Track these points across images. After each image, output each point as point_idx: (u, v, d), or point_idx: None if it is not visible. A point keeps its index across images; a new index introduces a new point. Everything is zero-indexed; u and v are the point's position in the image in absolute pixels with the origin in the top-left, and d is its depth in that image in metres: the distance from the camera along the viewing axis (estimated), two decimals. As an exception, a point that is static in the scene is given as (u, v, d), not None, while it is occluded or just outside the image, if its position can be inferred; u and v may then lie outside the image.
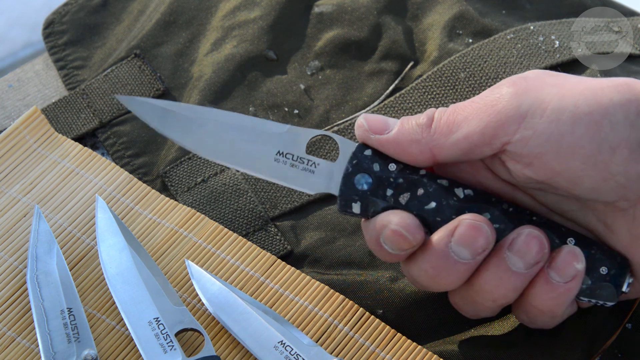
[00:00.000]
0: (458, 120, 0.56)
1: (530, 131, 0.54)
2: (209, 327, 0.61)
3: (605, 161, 0.54)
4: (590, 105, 0.54)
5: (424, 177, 0.57)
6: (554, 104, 0.54)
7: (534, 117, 0.54)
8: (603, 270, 0.56)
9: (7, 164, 0.68)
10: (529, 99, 0.55)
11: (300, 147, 0.59)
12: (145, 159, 0.71)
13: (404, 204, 0.57)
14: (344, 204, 0.58)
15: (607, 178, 0.54)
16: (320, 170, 0.59)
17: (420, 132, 0.56)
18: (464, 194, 0.57)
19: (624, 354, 0.61)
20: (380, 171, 0.57)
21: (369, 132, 0.57)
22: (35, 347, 0.61)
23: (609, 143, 0.53)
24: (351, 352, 0.60)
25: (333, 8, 0.77)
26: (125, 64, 0.75)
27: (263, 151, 0.59)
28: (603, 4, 0.77)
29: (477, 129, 0.55)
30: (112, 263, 0.62)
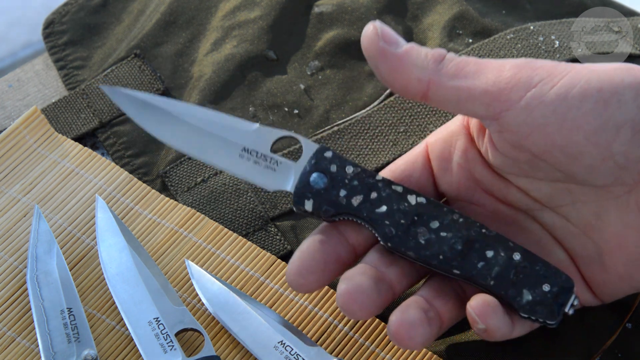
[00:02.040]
0: (467, 69, 0.56)
1: (537, 100, 0.54)
2: (209, 327, 0.61)
3: (607, 139, 0.53)
4: (602, 81, 0.54)
5: (379, 182, 0.57)
6: (565, 79, 0.54)
7: (544, 87, 0.54)
8: (545, 287, 0.56)
9: (7, 164, 0.68)
10: (543, 72, 0.55)
11: (265, 146, 0.59)
12: (145, 159, 0.71)
13: (355, 205, 0.57)
14: (297, 200, 0.58)
15: (606, 157, 0.54)
16: (281, 168, 0.59)
17: (427, 61, 0.56)
18: (416, 201, 0.57)
19: (624, 354, 0.61)
20: (336, 172, 0.58)
21: (379, 38, 0.56)
22: (35, 347, 0.61)
23: (614, 121, 0.53)
24: (351, 352, 0.60)
25: (333, 8, 0.77)
26: (125, 64, 0.75)
27: (229, 146, 0.59)
28: (603, 4, 0.77)
29: (483, 85, 0.55)
30: (112, 263, 0.62)
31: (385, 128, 0.71)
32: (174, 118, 0.60)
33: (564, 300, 0.56)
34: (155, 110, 0.60)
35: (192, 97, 0.73)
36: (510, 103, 0.54)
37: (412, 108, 0.72)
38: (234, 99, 0.73)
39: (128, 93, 0.61)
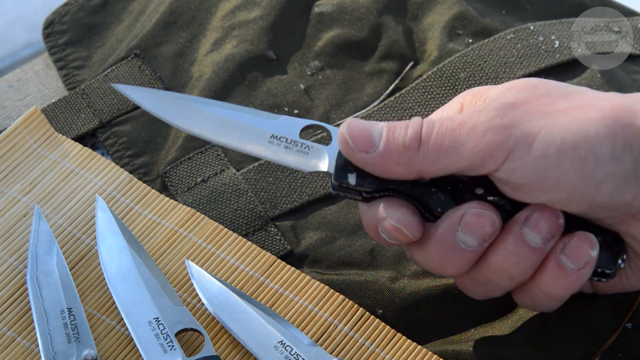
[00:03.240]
0: (445, 145, 0.55)
1: (517, 163, 0.54)
2: (209, 327, 0.61)
3: (590, 194, 0.54)
4: (577, 140, 0.53)
5: None
6: (540, 138, 0.54)
7: (522, 150, 0.54)
8: (600, 238, 0.56)
9: (7, 164, 0.68)
10: (518, 132, 0.54)
11: (294, 133, 0.60)
12: (145, 159, 0.71)
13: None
14: (339, 174, 0.58)
15: (593, 206, 0.55)
16: (313, 152, 0.59)
17: (407, 155, 0.56)
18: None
19: (624, 354, 0.61)
20: None
21: (354, 150, 0.57)
22: (35, 347, 0.61)
23: (594, 178, 0.53)
24: (351, 352, 0.60)
25: (333, 8, 0.77)
26: (125, 64, 0.75)
27: (257, 134, 0.60)
28: (603, 4, 0.77)
29: (465, 158, 0.55)
30: (112, 263, 0.62)
31: (385, 128, 0.71)
32: (196, 110, 0.61)
33: (618, 251, 0.56)
34: (176, 104, 0.61)
35: (192, 97, 0.73)
36: (495, 166, 0.55)
37: (412, 108, 0.72)
38: (234, 99, 0.73)
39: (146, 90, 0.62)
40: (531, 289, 0.57)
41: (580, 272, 0.55)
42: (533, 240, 0.55)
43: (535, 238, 0.55)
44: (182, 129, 0.61)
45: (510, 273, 0.56)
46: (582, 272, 0.55)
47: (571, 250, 0.55)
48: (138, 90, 0.62)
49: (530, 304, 0.58)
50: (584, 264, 0.55)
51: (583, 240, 0.55)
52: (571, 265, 0.55)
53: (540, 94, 0.56)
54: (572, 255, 0.55)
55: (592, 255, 0.55)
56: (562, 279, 0.56)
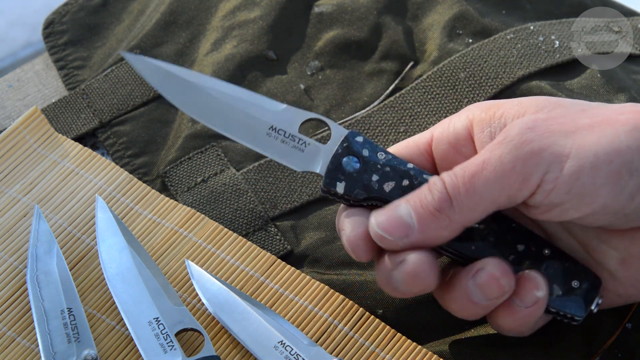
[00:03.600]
0: (478, 187, 0.54)
1: (551, 185, 0.54)
2: (209, 327, 0.61)
3: (623, 205, 0.54)
4: (609, 153, 0.53)
5: (411, 170, 0.58)
6: (572, 156, 0.54)
7: (554, 171, 0.54)
8: (575, 284, 0.57)
9: (7, 164, 0.68)
10: (547, 155, 0.54)
11: (293, 126, 0.60)
12: (145, 159, 0.71)
13: (387, 191, 0.57)
14: (328, 182, 0.58)
15: (621, 218, 0.55)
16: (309, 150, 0.59)
17: (444, 216, 0.55)
18: None
19: (624, 354, 0.61)
20: (369, 157, 0.58)
21: (396, 240, 0.56)
22: (35, 347, 0.61)
23: (628, 190, 0.54)
24: (351, 352, 0.60)
25: (333, 8, 0.77)
26: (126, 64, 0.75)
27: (257, 124, 0.60)
28: (603, 4, 0.77)
29: (503, 194, 0.54)
30: (112, 263, 0.62)
31: (385, 128, 0.71)
32: (200, 91, 0.60)
33: (592, 297, 0.57)
34: (181, 82, 0.60)
35: (192, 97, 0.73)
36: (529, 193, 0.54)
37: (412, 108, 0.72)
38: (234, 99, 0.74)
39: (152, 62, 0.61)
40: (491, 321, 0.58)
41: (529, 309, 0.56)
42: (476, 297, 0.55)
43: (478, 296, 0.55)
44: (183, 111, 0.61)
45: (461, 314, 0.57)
46: (530, 310, 0.56)
47: (519, 290, 0.56)
48: (146, 63, 0.61)
49: (498, 329, 0.59)
50: (531, 303, 0.56)
51: (530, 282, 0.56)
52: (519, 303, 0.56)
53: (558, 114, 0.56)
54: (520, 296, 0.56)
55: (538, 295, 0.55)
56: (512, 315, 0.56)
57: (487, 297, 0.55)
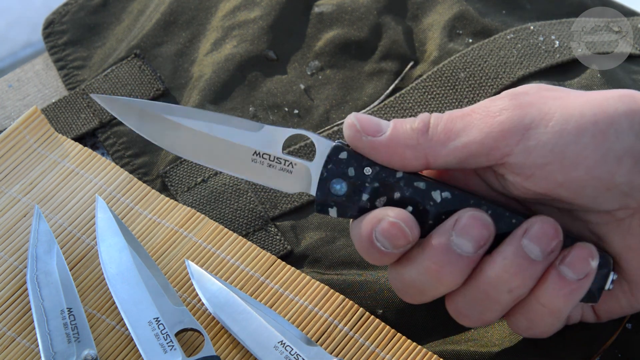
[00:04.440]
0: (456, 128, 0.55)
1: (534, 142, 0.53)
2: (209, 327, 0.61)
3: (610, 171, 0.53)
4: (596, 114, 0.53)
5: (400, 181, 0.56)
6: (558, 115, 0.54)
7: (539, 127, 0.53)
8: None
9: (7, 164, 0.68)
10: (533, 110, 0.54)
11: (276, 147, 0.58)
12: (145, 159, 0.71)
13: (380, 207, 0.56)
14: (320, 208, 0.58)
15: (611, 187, 0.54)
16: (297, 170, 0.58)
17: (415, 137, 0.55)
18: (441, 197, 0.56)
19: (624, 354, 0.61)
20: (355, 176, 0.57)
21: (361, 133, 0.56)
22: (35, 347, 0.61)
23: (614, 153, 0.53)
24: (351, 352, 0.60)
25: (333, 8, 0.77)
26: (125, 64, 0.75)
27: (240, 152, 0.58)
28: (603, 4, 0.77)
29: (477, 139, 0.54)
30: (112, 263, 0.62)
31: (385, 128, 0.71)
32: (176, 125, 0.59)
33: (603, 283, 0.56)
34: (156, 118, 0.59)
35: (192, 98, 0.73)
36: (509, 148, 0.54)
37: (412, 108, 0.72)
38: (234, 99, 0.73)
39: (126, 102, 0.59)
40: (529, 305, 0.56)
41: (581, 282, 0.54)
42: (533, 252, 0.54)
43: (535, 250, 0.54)
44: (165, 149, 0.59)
45: (510, 285, 0.55)
46: (582, 282, 0.54)
47: (572, 260, 0.54)
48: (117, 103, 0.59)
49: (526, 324, 0.57)
50: (584, 274, 0.54)
51: (584, 250, 0.54)
52: (571, 275, 0.54)
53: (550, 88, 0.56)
54: (572, 265, 0.54)
55: (592, 265, 0.54)
56: (562, 289, 0.54)
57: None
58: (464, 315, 0.57)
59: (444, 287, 0.56)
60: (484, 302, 0.56)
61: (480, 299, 0.56)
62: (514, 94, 0.55)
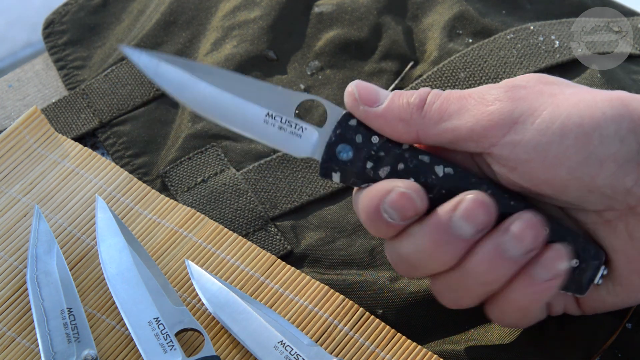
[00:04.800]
0: (450, 110, 0.56)
1: (519, 137, 0.54)
2: (209, 327, 0.61)
3: (591, 174, 0.53)
4: (582, 116, 0.53)
5: (405, 152, 0.57)
6: (546, 113, 0.54)
7: (525, 123, 0.54)
8: (574, 263, 0.56)
9: (7, 164, 0.68)
10: (524, 105, 0.54)
11: (289, 110, 0.59)
12: (145, 159, 0.71)
13: (383, 177, 0.57)
14: (324, 172, 0.58)
15: (593, 189, 0.54)
16: (307, 134, 0.59)
17: (410, 112, 0.56)
18: (443, 172, 0.56)
19: (624, 354, 0.61)
20: (362, 143, 0.57)
21: (358, 102, 0.57)
22: (35, 347, 0.61)
23: (597, 156, 0.53)
24: (351, 352, 0.60)
25: (333, 8, 0.77)
26: (125, 64, 0.75)
27: (253, 112, 0.59)
28: (603, 4, 0.77)
29: (467, 124, 0.55)
30: (112, 263, 0.62)
31: (385, 128, 0.71)
32: (194, 80, 0.59)
33: (593, 275, 0.56)
34: (176, 71, 0.59)
35: (192, 97, 0.73)
36: (496, 139, 0.54)
37: (412, 108, 0.72)
38: (234, 99, 0.74)
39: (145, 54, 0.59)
40: (499, 298, 0.56)
41: (549, 283, 0.54)
42: (511, 251, 0.54)
43: (514, 249, 0.54)
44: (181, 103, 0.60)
45: (483, 279, 0.55)
46: (550, 283, 0.54)
47: (543, 261, 0.54)
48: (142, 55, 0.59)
49: (498, 315, 0.57)
50: (553, 275, 0.54)
51: (556, 252, 0.54)
52: (540, 275, 0.54)
53: (548, 82, 0.56)
54: (542, 266, 0.54)
55: (561, 267, 0.54)
56: (529, 287, 0.55)
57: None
58: (443, 297, 0.58)
59: (437, 265, 0.56)
60: (461, 289, 0.56)
61: (458, 286, 0.56)
62: (511, 86, 0.56)
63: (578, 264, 0.56)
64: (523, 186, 0.55)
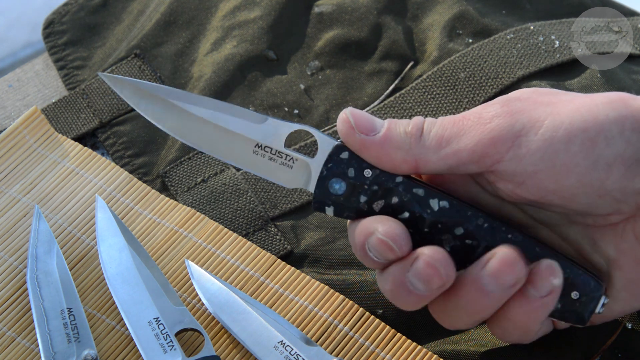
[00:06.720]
0: (447, 135, 0.55)
1: (524, 149, 0.53)
2: (209, 327, 0.61)
3: (601, 178, 0.53)
4: (586, 121, 0.53)
5: (399, 186, 0.56)
6: (548, 122, 0.53)
7: (528, 135, 0.53)
8: (574, 295, 0.55)
9: (7, 164, 0.68)
10: (523, 117, 0.54)
11: (279, 141, 0.58)
12: (145, 159, 0.71)
13: (377, 210, 0.56)
14: (317, 206, 0.57)
15: (602, 194, 0.53)
16: (298, 165, 0.58)
17: (408, 141, 0.55)
18: (438, 206, 0.56)
19: (624, 354, 0.61)
20: (354, 177, 0.56)
21: (355, 130, 0.56)
22: (35, 347, 0.61)
23: (605, 160, 0.53)
24: (351, 352, 0.60)
25: (333, 8, 0.77)
26: (125, 64, 0.75)
27: (242, 143, 0.58)
28: (603, 4, 0.77)
29: (467, 146, 0.54)
30: (112, 263, 0.62)
31: (385, 128, 0.71)
32: (181, 111, 0.58)
33: (593, 307, 0.56)
34: (162, 102, 0.59)
35: (192, 97, 0.73)
36: (499, 156, 0.54)
37: (412, 108, 0.72)
38: (234, 99, 0.74)
39: (131, 82, 0.59)
40: (498, 318, 0.56)
41: (545, 299, 0.54)
42: (489, 287, 0.54)
43: (492, 285, 0.54)
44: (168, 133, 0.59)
45: (467, 311, 0.55)
46: (546, 299, 0.54)
47: (534, 279, 0.54)
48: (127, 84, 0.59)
49: (500, 333, 0.57)
50: (547, 292, 0.54)
51: (547, 269, 0.54)
52: (535, 293, 0.54)
53: (543, 92, 0.56)
54: (535, 284, 0.54)
55: (554, 283, 0.54)
56: (526, 305, 0.54)
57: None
58: (440, 320, 0.58)
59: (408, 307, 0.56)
60: (454, 314, 0.56)
61: (451, 311, 0.56)
62: (506, 100, 0.55)
63: (578, 296, 0.55)
64: (529, 199, 0.55)
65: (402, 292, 0.55)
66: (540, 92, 0.56)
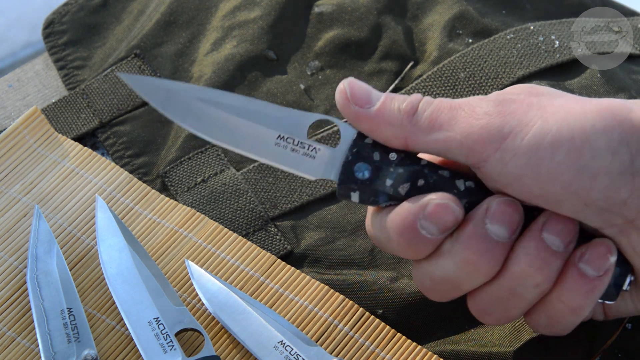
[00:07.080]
0: (440, 119, 0.55)
1: (510, 153, 0.53)
2: (209, 327, 0.61)
3: (585, 188, 0.53)
4: (572, 130, 0.53)
5: (424, 168, 0.56)
6: (536, 128, 0.53)
7: (515, 139, 0.53)
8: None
9: (7, 164, 0.68)
10: (513, 120, 0.53)
11: (301, 132, 0.58)
12: (145, 159, 0.71)
13: (403, 194, 0.56)
14: (342, 192, 0.57)
15: (588, 203, 0.53)
16: (321, 155, 0.57)
17: (400, 118, 0.55)
18: (464, 186, 0.56)
19: (624, 354, 0.61)
20: (380, 160, 0.56)
21: (350, 102, 0.56)
22: (35, 347, 0.61)
23: (590, 170, 0.52)
24: (351, 352, 0.60)
25: (333, 8, 0.77)
26: (125, 64, 0.75)
27: (264, 135, 0.58)
28: (603, 4, 0.77)
29: (457, 137, 0.54)
30: (112, 263, 0.62)
31: (385, 128, 0.71)
32: (200, 109, 0.58)
33: (622, 282, 0.56)
34: (182, 100, 0.58)
35: (192, 97, 0.73)
36: (486, 155, 0.54)
37: (412, 108, 0.72)
38: (234, 99, 0.73)
39: (151, 81, 0.59)
40: (550, 303, 0.55)
41: (601, 278, 0.54)
42: (554, 244, 0.53)
43: (556, 241, 0.53)
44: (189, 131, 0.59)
45: (536, 279, 0.54)
46: (602, 278, 0.54)
47: (590, 257, 0.54)
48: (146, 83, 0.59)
49: (546, 322, 0.56)
50: (603, 270, 0.54)
51: (602, 247, 0.54)
52: (591, 272, 0.54)
53: (538, 93, 0.56)
54: (591, 262, 0.54)
55: (611, 260, 0.54)
56: (583, 286, 0.54)
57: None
58: (488, 313, 0.57)
59: (480, 277, 0.55)
60: (510, 299, 0.55)
61: (506, 296, 0.55)
62: (501, 100, 0.55)
63: None
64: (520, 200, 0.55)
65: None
66: (535, 92, 0.56)
